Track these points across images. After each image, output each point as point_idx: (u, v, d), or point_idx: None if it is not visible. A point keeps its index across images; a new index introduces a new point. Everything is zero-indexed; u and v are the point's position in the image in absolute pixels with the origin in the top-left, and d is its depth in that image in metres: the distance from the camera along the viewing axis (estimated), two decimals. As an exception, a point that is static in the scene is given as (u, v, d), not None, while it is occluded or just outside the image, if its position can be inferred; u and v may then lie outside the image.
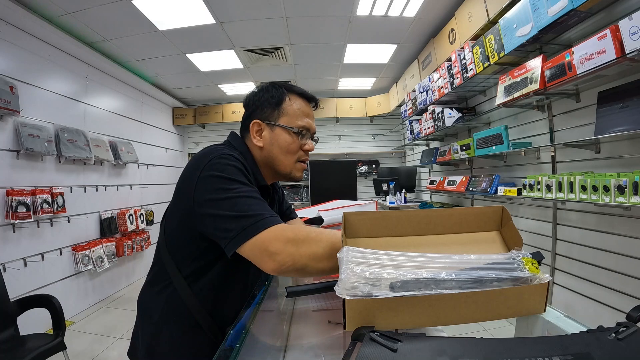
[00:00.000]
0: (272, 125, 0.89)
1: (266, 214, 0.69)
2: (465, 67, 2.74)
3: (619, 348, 0.41)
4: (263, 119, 0.89)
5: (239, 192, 0.72)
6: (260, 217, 0.68)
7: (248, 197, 0.71)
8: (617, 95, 1.71)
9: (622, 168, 1.79)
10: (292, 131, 0.88)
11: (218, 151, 0.79)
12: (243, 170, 0.78)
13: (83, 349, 2.61)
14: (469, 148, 2.94)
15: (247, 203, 0.70)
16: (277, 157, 0.89)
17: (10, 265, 2.57)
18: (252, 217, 0.68)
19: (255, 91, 0.93)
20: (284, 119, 0.89)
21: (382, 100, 5.62)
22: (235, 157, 0.79)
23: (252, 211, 0.69)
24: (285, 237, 0.66)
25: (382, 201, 4.74)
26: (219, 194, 0.72)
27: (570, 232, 2.17)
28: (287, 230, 0.68)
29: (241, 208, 0.69)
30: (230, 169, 0.75)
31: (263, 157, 0.91)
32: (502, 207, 0.67)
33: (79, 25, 3.12)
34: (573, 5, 1.64)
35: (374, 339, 0.44)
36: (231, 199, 0.71)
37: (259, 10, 3.12)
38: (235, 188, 0.72)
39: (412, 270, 0.53)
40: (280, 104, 0.89)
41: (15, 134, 2.67)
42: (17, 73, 2.73)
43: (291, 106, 0.90)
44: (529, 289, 0.53)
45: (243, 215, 0.69)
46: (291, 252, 0.65)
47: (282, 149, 0.89)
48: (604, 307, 1.93)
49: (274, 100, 0.89)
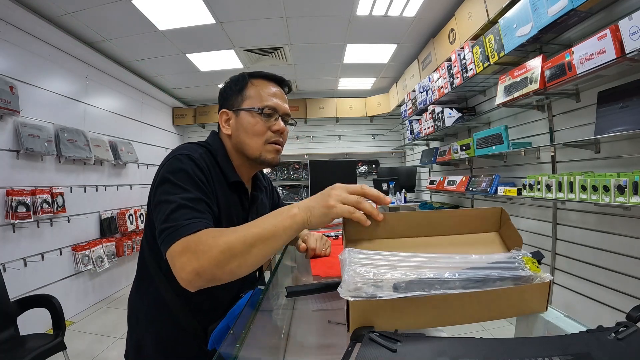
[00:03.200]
0: (237, 111, 0.88)
1: (184, 221, 0.65)
2: (465, 67, 2.74)
3: (619, 348, 0.41)
4: (229, 107, 0.90)
5: (175, 198, 0.70)
6: (176, 227, 0.64)
7: (179, 205, 0.69)
8: (617, 95, 1.71)
9: (622, 168, 1.79)
10: (255, 112, 0.87)
11: (180, 151, 0.80)
12: (197, 173, 0.76)
13: (83, 349, 2.61)
14: (469, 148, 2.94)
15: (174, 210, 0.68)
16: (244, 141, 0.88)
17: (10, 265, 2.57)
18: (169, 227, 0.65)
19: (224, 87, 0.94)
20: (247, 102, 0.88)
21: (382, 100, 5.62)
22: (193, 158, 0.78)
23: (172, 221, 0.66)
24: (188, 250, 0.61)
25: (382, 201, 4.74)
26: (161, 196, 0.72)
27: (570, 232, 2.17)
28: (193, 240, 0.62)
29: (168, 215, 0.67)
30: (180, 173, 0.74)
31: (233, 145, 0.90)
32: (501, 208, 0.67)
33: (79, 25, 3.12)
34: (573, 5, 1.64)
35: (373, 339, 0.44)
36: (166, 204, 0.69)
37: (259, 10, 3.12)
38: (174, 193, 0.71)
39: (415, 270, 0.53)
40: (243, 90, 0.89)
41: (15, 134, 2.67)
42: (17, 73, 2.73)
43: (254, 88, 0.89)
44: (531, 288, 0.53)
45: (165, 225, 0.66)
46: (194, 268, 0.60)
47: (247, 132, 0.87)
48: (604, 307, 1.93)
49: (237, 87, 0.89)
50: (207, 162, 0.82)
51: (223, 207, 0.84)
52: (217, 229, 0.67)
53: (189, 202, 0.70)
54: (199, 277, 0.60)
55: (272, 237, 0.62)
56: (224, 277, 0.62)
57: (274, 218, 0.64)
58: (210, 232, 0.64)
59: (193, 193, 0.72)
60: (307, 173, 4.14)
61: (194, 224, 0.65)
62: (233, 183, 0.88)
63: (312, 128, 6.13)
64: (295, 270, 1.22)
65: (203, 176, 0.78)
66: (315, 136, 6.14)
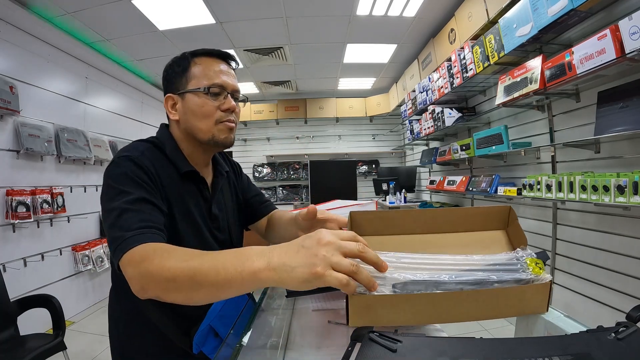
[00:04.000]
0: (182, 94, 0.82)
1: (128, 232, 0.62)
2: (465, 67, 2.74)
3: (619, 348, 0.41)
4: (174, 90, 0.83)
5: (117, 205, 0.67)
6: (121, 240, 0.61)
7: (122, 210, 0.65)
8: (617, 95, 1.71)
9: (622, 168, 1.79)
10: (201, 92, 0.80)
11: (119, 153, 0.76)
12: (138, 173, 0.72)
13: (83, 349, 2.61)
14: (469, 148, 2.94)
15: (118, 218, 0.65)
16: (193, 124, 0.82)
17: (10, 265, 2.57)
18: (116, 240, 0.62)
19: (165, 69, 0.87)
20: (192, 83, 0.81)
21: (382, 100, 5.63)
22: (132, 158, 0.73)
23: (117, 231, 0.63)
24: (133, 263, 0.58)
25: (382, 201, 4.74)
26: (104, 204, 0.70)
27: (570, 232, 2.17)
28: (136, 256, 0.58)
29: (112, 225, 0.65)
30: (119, 177, 0.71)
31: (182, 130, 0.84)
32: (509, 206, 0.67)
33: (79, 25, 3.12)
34: (573, 5, 1.64)
35: (373, 339, 0.44)
36: (109, 212, 0.67)
37: (259, 10, 3.12)
38: (117, 199, 0.68)
39: (415, 271, 0.53)
40: (187, 70, 0.82)
41: (15, 134, 2.67)
42: (17, 73, 2.73)
43: (198, 67, 0.82)
44: (531, 289, 0.53)
45: (111, 237, 0.64)
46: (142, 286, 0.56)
47: (195, 114, 0.81)
48: (604, 307, 1.93)
49: (180, 68, 0.83)
50: (150, 159, 0.77)
51: (176, 201, 0.79)
52: (166, 246, 0.60)
53: (131, 205, 0.66)
54: (146, 293, 0.56)
55: (224, 287, 0.51)
56: (170, 301, 0.56)
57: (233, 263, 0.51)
58: (158, 249, 0.58)
59: (134, 194, 0.68)
60: (307, 173, 4.15)
61: (139, 236, 0.61)
62: (186, 173, 0.82)
63: (312, 128, 6.13)
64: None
65: (145, 175, 0.73)
66: (315, 136, 6.14)
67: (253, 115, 5.92)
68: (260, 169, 6.12)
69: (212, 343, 0.78)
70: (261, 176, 6.08)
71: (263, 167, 6.13)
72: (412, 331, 0.62)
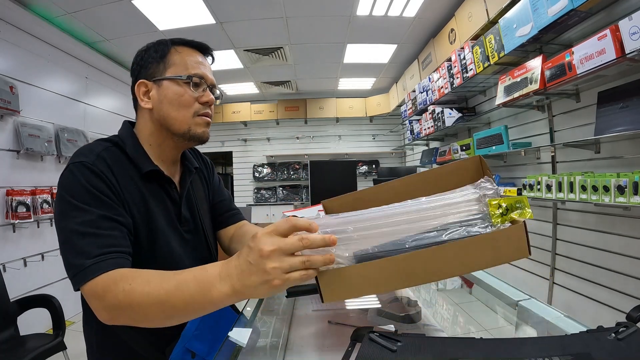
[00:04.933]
0: (158, 81, 0.75)
1: (87, 261, 0.58)
2: (465, 67, 2.74)
3: (619, 348, 0.41)
4: (148, 77, 0.76)
5: (73, 225, 0.62)
6: (80, 268, 0.58)
7: (79, 234, 0.61)
8: (617, 95, 1.71)
9: (622, 168, 1.79)
10: (182, 80, 0.75)
11: (73, 159, 0.69)
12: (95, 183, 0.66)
13: (83, 349, 2.59)
14: (469, 148, 2.93)
15: (74, 243, 0.60)
16: (169, 114, 0.75)
17: (10, 265, 2.57)
18: (72, 267, 0.59)
19: (138, 54, 0.81)
20: (171, 70, 0.75)
21: (382, 100, 5.62)
22: (87, 165, 0.66)
23: (74, 257, 0.59)
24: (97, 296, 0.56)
25: (382, 201, 4.74)
26: (58, 221, 0.64)
27: (570, 232, 2.16)
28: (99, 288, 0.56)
29: (68, 250, 0.61)
30: (74, 189, 0.64)
31: (155, 121, 0.77)
32: (479, 156, 0.65)
33: (79, 25, 3.12)
34: (573, 5, 1.64)
35: (373, 339, 0.44)
36: (64, 233, 0.62)
37: (259, 10, 3.12)
38: (72, 217, 0.62)
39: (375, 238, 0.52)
40: (165, 56, 0.77)
41: (15, 134, 2.67)
42: (17, 73, 2.73)
43: (178, 55, 0.77)
44: (502, 235, 0.50)
45: (67, 263, 0.60)
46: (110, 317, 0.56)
47: (172, 104, 0.75)
48: (604, 307, 1.93)
49: (157, 54, 0.77)
50: (108, 162, 0.70)
51: (140, 207, 0.72)
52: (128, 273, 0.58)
53: (88, 228, 0.61)
54: (115, 322, 0.57)
55: (195, 312, 0.54)
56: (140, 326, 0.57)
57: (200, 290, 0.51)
58: (120, 279, 0.56)
59: (92, 212, 0.63)
60: (307, 173, 4.15)
61: (100, 263, 0.58)
62: (147, 174, 0.75)
63: (312, 128, 6.13)
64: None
65: (102, 183, 0.66)
66: (315, 136, 6.14)
67: (253, 115, 5.92)
68: (260, 169, 6.12)
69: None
70: (261, 176, 6.09)
71: (263, 167, 6.13)
72: (411, 332, 0.62)
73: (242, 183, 6.25)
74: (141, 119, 0.80)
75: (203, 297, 0.51)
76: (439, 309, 0.92)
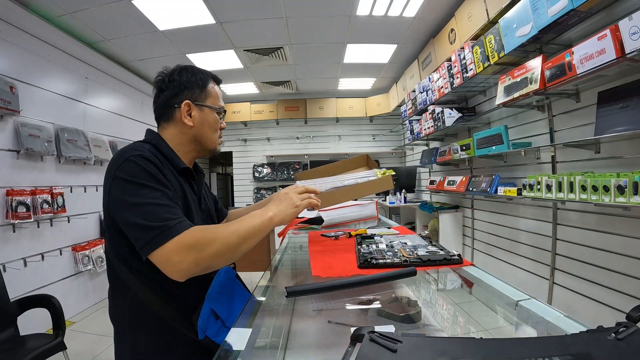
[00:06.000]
0: (200, 106, 0.94)
1: (171, 222, 0.71)
2: (465, 67, 2.74)
3: (619, 348, 0.41)
4: (192, 99, 0.93)
5: (147, 199, 0.73)
6: (164, 228, 0.70)
7: (156, 205, 0.73)
8: (617, 95, 1.71)
9: (622, 168, 1.79)
10: (218, 111, 0.97)
11: (133, 152, 0.81)
12: (155, 171, 0.79)
13: (83, 349, 2.61)
14: (469, 148, 2.94)
15: (154, 211, 0.72)
16: (206, 134, 0.96)
17: (10, 265, 2.57)
18: (156, 228, 0.70)
19: (175, 73, 0.95)
20: (210, 100, 0.96)
21: (382, 100, 5.63)
22: (147, 157, 0.80)
23: (157, 221, 0.71)
24: (187, 245, 0.70)
25: (382, 201, 4.74)
26: (129, 198, 0.74)
27: (570, 232, 2.17)
28: (188, 237, 0.71)
29: (147, 217, 0.71)
30: (142, 173, 0.77)
31: (191, 135, 0.95)
32: (366, 154, 1.52)
33: (79, 25, 3.12)
34: (573, 5, 1.64)
35: (373, 339, 0.44)
36: (140, 206, 0.73)
37: (259, 10, 3.12)
38: (144, 194, 0.74)
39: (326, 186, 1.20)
40: (206, 86, 0.96)
41: (15, 134, 2.67)
42: (17, 73, 2.73)
43: (213, 89, 0.98)
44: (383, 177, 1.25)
45: (148, 227, 0.70)
46: (194, 259, 0.70)
47: (210, 127, 0.96)
48: (604, 307, 1.93)
49: (201, 82, 0.95)
50: (157, 157, 0.84)
51: (180, 195, 0.87)
52: (203, 226, 0.77)
53: (161, 201, 0.75)
54: (196, 267, 0.71)
55: (256, 235, 0.80)
56: (218, 266, 0.79)
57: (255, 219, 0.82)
58: (201, 229, 0.75)
59: (161, 190, 0.76)
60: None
61: (181, 223, 0.73)
62: (182, 170, 0.92)
63: (312, 128, 6.14)
64: (295, 270, 1.22)
65: (159, 171, 0.80)
66: (315, 136, 6.14)
67: (253, 115, 5.92)
68: (260, 169, 6.12)
69: (214, 326, 0.84)
70: (261, 176, 6.09)
71: (263, 167, 6.13)
72: (412, 332, 0.62)
73: (242, 183, 6.25)
74: (173, 130, 0.95)
75: (262, 220, 0.83)
76: (439, 309, 0.92)
